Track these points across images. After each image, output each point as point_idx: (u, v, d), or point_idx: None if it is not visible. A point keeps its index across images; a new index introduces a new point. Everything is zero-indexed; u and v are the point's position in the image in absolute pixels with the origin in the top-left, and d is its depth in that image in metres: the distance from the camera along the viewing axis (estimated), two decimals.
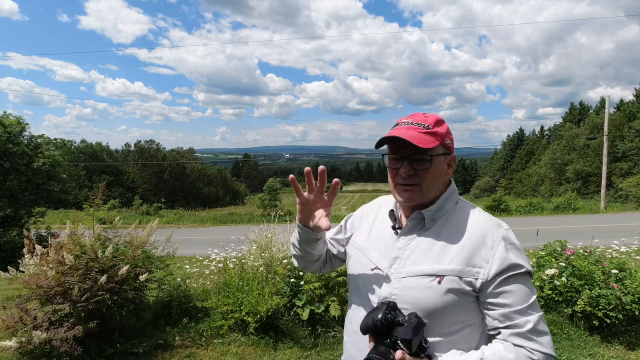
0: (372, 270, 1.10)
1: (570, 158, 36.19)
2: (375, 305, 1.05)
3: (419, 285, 1.00)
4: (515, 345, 0.96)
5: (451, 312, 0.99)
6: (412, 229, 1.09)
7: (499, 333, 0.99)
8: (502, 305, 0.97)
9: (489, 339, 1.04)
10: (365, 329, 0.97)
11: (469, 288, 0.98)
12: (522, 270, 0.99)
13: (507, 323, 0.97)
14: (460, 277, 0.98)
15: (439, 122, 1.07)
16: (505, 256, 0.98)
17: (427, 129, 1.04)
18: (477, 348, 1.01)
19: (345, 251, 1.31)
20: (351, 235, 1.28)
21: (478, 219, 1.06)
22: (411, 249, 1.06)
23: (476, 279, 0.98)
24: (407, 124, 1.06)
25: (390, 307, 0.97)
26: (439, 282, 0.99)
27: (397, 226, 1.13)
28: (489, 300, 0.98)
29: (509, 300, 0.97)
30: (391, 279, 1.05)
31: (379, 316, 0.94)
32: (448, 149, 1.08)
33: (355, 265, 1.18)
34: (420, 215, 1.07)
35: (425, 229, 1.07)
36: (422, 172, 1.04)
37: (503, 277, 0.97)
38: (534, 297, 1.00)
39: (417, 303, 0.99)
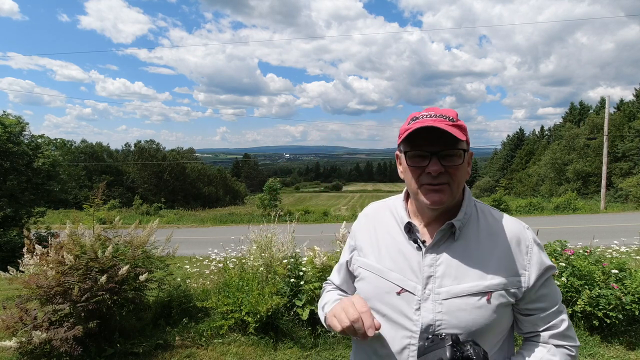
0: (399, 293, 0.96)
1: (570, 158, 36.19)
2: (414, 336, 0.92)
3: (467, 306, 0.91)
4: (556, 346, 0.97)
5: (497, 327, 0.95)
6: (439, 241, 0.97)
7: (537, 336, 0.99)
8: (541, 310, 0.96)
9: (513, 340, 1.05)
10: None
11: (512, 299, 0.94)
12: (554, 272, 0.99)
13: (546, 325, 0.97)
14: (507, 290, 0.93)
15: (458, 115, 0.96)
16: (541, 260, 0.96)
17: (452, 121, 0.91)
18: (507, 354, 1.01)
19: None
20: (352, 256, 1.13)
21: (505, 222, 1.00)
22: (445, 265, 0.94)
23: (519, 289, 0.94)
24: (431, 117, 0.92)
25: (455, 341, 0.84)
26: (489, 301, 0.91)
27: (421, 239, 0.98)
28: (529, 306, 0.96)
29: (547, 303, 0.96)
30: (429, 302, 0.92)
31: (448, 355, 0.81)
32: (468, 145, 0.99)
33: (372, 290, 1.01)
34: (450, 225, 0.95)
35: (453, 240, 0.96)
36: (453, 170, 0.93)
37: (542, 281, 0.95)
38: (560, 294, 1.01)
39: (466, 326, 0.91)
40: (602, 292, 3.39)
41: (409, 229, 1.00)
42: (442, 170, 0.91)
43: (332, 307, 0.99)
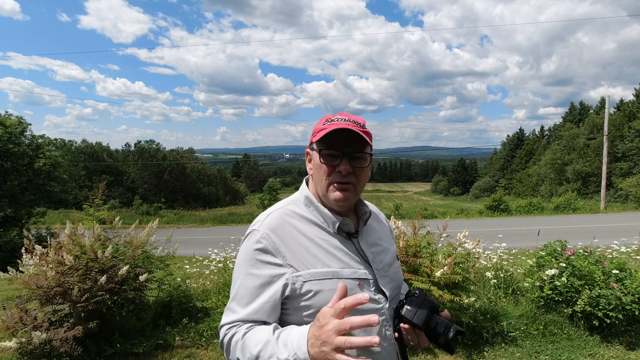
0: (359, 285, 1.00)
1: (570, 158, 36.20)
2: (384, 313, 1.03)
3: (396, 268, 1.15)
4: None
5: None
6: (361, 228, 1.11)
7: None
8: None
9: None
10: (427, 325, 1.00)
11: None
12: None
13: None
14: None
15: (366, 123, 1.07)
16: (390, 224, 1.31)
17: (362, 127, 1.02)
18: None
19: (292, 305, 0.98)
20: (286, 275, 0.96)
21: (372, 206, 1.23)
22: (373, 245, 1.11)
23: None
24: (345, 121, 1.01)
25: (420, 295, 1.04)
26: (398, 260, 1.22)
27: (353, 232, 1.07)
28: None
29: None
30: (381, 279, 1.06)
31: (435, 304, 1.02)
32: (371, 151, 1.09)
33: (327, 296, 0.93)
34: (368, 214, 1.13)
35: (364, 225, 1.12)
36: (359, 171, 1.03)
37: None
38: None
39: (400, 281, 1.17)
40: (602, 292, 3.39)
41: (333, 225, 1.05)
42: (350, 170, 1.01)
43: (300, 339, 0.82)
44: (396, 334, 1.04)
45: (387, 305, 1.04)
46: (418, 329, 1.01)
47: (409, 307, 1.01)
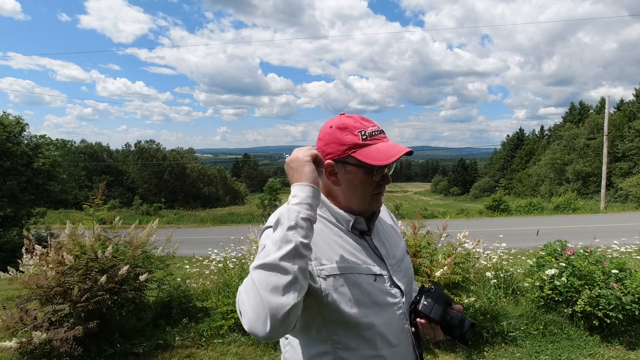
0: (375, 281, 1.03)
1: (570, 158, 36.21)
2: (401, 307, 1.06)
3: (408, 263, 1.19)
4: None
5: None
6: (374, 225, 1.14)
7: None
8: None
9: None
10: (443, 319, 1.05)
11: None
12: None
13: None
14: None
15: None
16: (395, 217, 1.35)
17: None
18: None
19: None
20: (318, 267, 0.99)
21: (383, 204, 1.27)
22: (385, 241, 1.14)
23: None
24: (381, 132, 1.07)
25: (435, 290, 1.08)
26: (408, 254, 1.24)
27: (366, 230, 1.10)
28: None
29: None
30: (395, 274, 1.09)
31: (449, 299, 1.07)
32: None
33: (359, 289, 1.00)
34: (377, 212, 1.17)
35: (375, 221, 1.15)
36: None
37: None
38: None
39: (412, 276, 1.21)
40: (602, 292, 3.39)
41: (349, 224, 1.08)
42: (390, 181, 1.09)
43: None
44: (413, 329, 1.08)
45: (403, 300, 1.08)
46: (434, 323, 1.05)
47: (425, 302, 1.06)
